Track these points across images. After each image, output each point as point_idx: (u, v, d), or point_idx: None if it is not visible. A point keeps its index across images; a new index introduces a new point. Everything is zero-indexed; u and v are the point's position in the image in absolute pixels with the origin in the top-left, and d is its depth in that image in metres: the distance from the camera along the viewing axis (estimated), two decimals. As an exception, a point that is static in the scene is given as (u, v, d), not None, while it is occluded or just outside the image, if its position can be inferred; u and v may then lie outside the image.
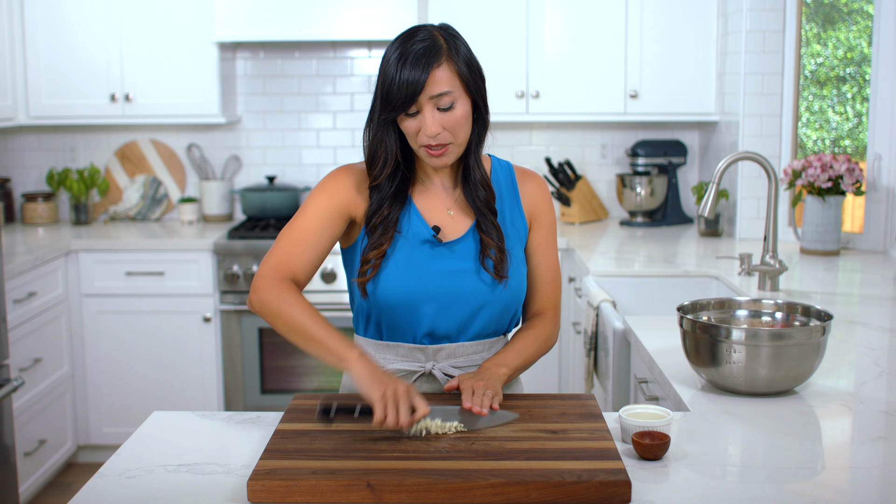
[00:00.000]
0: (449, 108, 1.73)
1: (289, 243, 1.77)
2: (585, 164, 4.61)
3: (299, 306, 1.69)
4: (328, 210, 1.79)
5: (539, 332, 1.89)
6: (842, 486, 1.51)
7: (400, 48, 1.72)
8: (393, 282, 1.79)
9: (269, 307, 1.71)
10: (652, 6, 4.14)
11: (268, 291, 1.72)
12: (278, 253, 1.77)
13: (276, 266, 1.75)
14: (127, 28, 4.23)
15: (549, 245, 1.93)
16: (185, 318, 4.06)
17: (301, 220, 1.79)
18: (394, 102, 1.72)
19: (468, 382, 1.70)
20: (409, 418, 1.57)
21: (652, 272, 3.32)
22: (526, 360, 1.85)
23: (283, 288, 1.72)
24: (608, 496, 1.41)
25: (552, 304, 1.93)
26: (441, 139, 1.74)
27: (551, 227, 1.93)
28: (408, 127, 1.75)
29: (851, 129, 3.98)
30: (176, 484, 1.51)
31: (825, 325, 1.86)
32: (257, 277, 1.75)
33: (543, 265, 1.92)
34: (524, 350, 1.85)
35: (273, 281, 1.73)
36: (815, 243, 3.52)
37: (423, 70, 1.69)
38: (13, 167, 4.65)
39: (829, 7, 3.98)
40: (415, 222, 1.83)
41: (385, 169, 1.79)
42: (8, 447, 3.13)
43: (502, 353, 1.83)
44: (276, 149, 4.65)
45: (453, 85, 1.73)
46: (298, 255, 1.76)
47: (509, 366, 1.80)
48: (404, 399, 1.57)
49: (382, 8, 4.10)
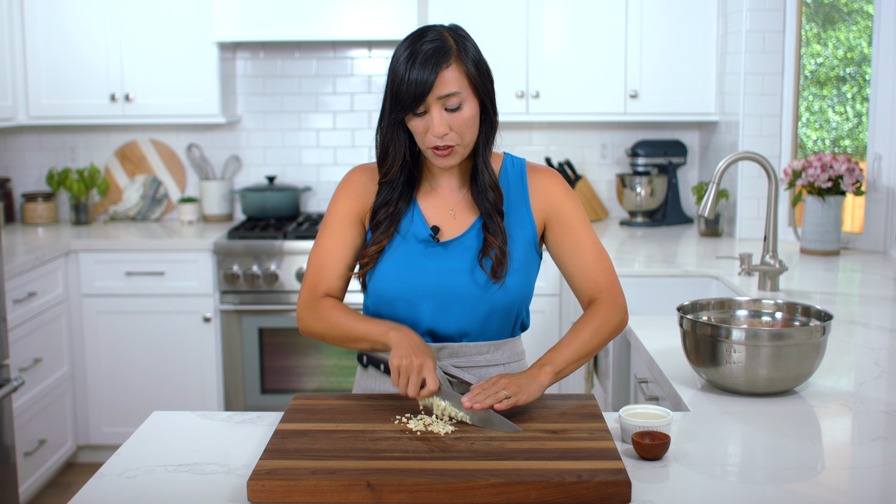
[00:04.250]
0: (457, 109, 1.73)
1: (316, 266, 1.88)
2: (585, 164, 4.61)
3: (334, 317, 1.82)
4: (345, 221, 1.88)
5: (592, 318, 1.81)
6: (842, 486, 1.51)
7: (409, 48, 1.73)
8: (387, 277, 1.83)
9: (314, 331, 1.85)
10: (652, 6, 4.14)
11: (308, 319, 1.85)
12: (310, 277, 1.88)
13: (310, 291, 1.87)
14: (127, 28, 4.23)
15: (578, 231, 1.86)
16: (185, 318, 4.06)
17: (323, 239, 1.89)
18: (402, 102, 1.73)
19: (495, 378, 1.70)
20: (417, 391, 1.67)
21: (652, 272, 3.32)
22: (579, 351, 1.78)
23: (318, 308, 1.84)
24: (608, 496, 1.41)
25: (604, 287, 1.85)
26: (448, 140, 1.74)
27: (574, 213, 1.86)
28: (415, 126, 1.76)
29: (851, 129, 3.98)
30: (176, 484, 1.51)
31: (825, 325, 1.86)
32: (298, 307, 1.88)
33: (578, 252, 1.86)
34: (574, 340, 1.78)
35: (309, 306, 1.85)
36: (815, 243, 3.52)
37: (431, 70, 1.70)
38: (13, 167, 4.65)
39: (829, 7, 3.98)
40: (416, 222, 1.85)
41: (394, 167, 1.82)
42: (8, 447, 3.13)
43: (552, 349, 1.79)
44: (276, 149, 4.65)
45: (461, 86, 1.73)
46: (328, 273, 1.87)
47: (556, 362, 1.75)
48: (416, 372, 1.67)
49: (382, 8, 4.10)
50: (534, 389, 1.69)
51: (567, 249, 1.87)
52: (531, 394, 1.68)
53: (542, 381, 1.71)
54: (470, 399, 1.64)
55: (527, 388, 1.68)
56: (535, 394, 1.69)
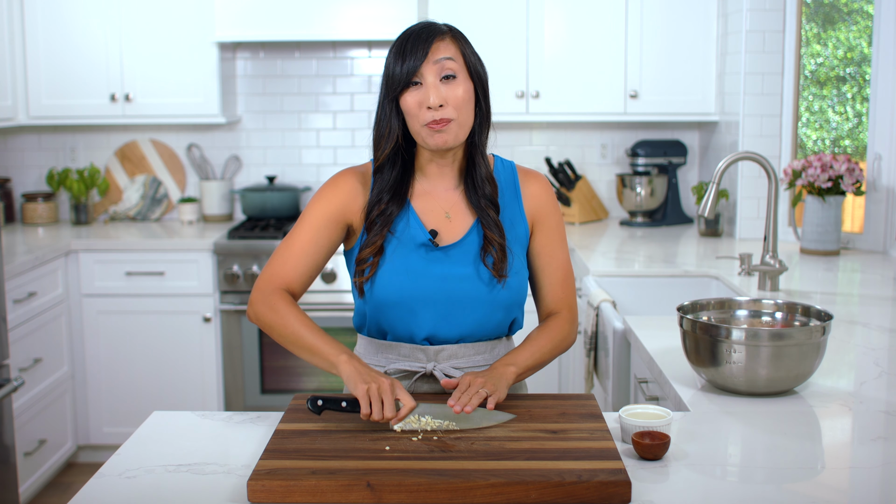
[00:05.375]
0: (452, 78, 1.73)
1: (283, 255, 1.83)
2: (585, 164, 4.61)
3: (291, 316, 1.75)
4: (324, 219, 1.83)
5: (553, 332, 1.86)
6: (842, 486, 1.51)
7: (403, 35, 1.76)
8: (388, 283, 1.80)
9: (263, 319, 1.78)
10: (652, 6, 4.14)
11: (262, 304, 1.78)
12: (274, 265, 1.82)
13: (270, 278, 1.81)
14: (127, 28, 4.23)
15: (556, 245, 1.90)
16: (185, 318, 4.06)
17: (297, 232, 1.83)
18: (398, 77, 1.73)
19: (467, 379, 1.71)
20: (394, 412, 1.61)
21: (652, 272, 3.32)
22: (538, 359, 1.83)
23: (276, 299, 1.77)
24: (608, 496, 1.41)
25: (566, 304, 1.91)
26: (444, 113, 1.73)
27: (557, 226, 1.90)
28: (411, 103, 1.74)
29: (851, 129, 3.98)
30: (176, 484, 1.51)
31: (825, 325, 1.86)
32: (253, 290, 1.82)
33: (552, 266, 1.90)
34: (536, 349, 1.83)
35: (266, 293, 1.79)
36: (815, 243, 3.52)
37: (425, 41, 1.73)
38: (13, 167, 4.65)
39: (829, 7, 3.98)
40: (412, 225, 1.82)
41: (388, 145, 1.79)
42: (8, 447, 3.13)
43: (514, 352, 1.82)
44: (276, 149, 4.65)
45: (456, 56, 1.75)
46: (293, 267, 1.81)
47: (519, 365, 1.78)
48: (388, 394, 1.61)
49: (382, 8, 4.10)
50: (504, 386, 1.72)
51: (543, 259, 1.90)
52: (503, 391, 1.71)
53: (508, 379, 1.75)
54: (459, 404, 1.64)
55: (499, 384, 1.71)
56: (505, 391, 1.72)
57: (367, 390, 1.61)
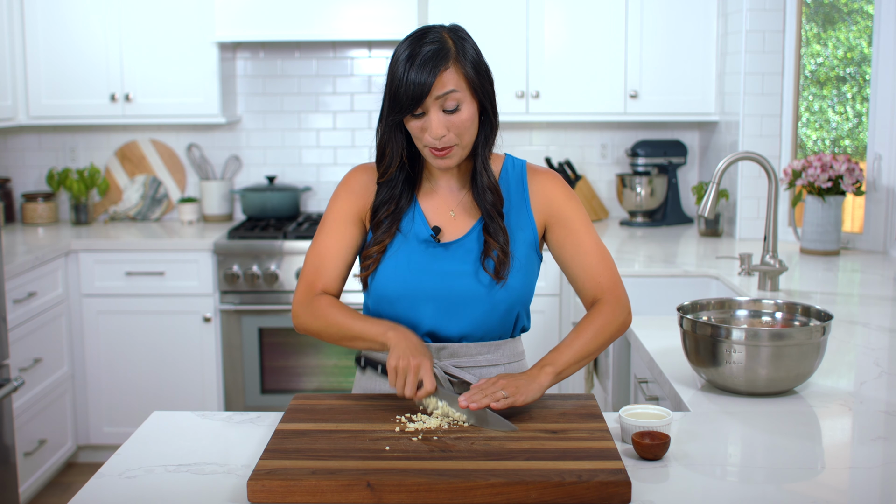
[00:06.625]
0: (455, 110, 1.73)
1: (313, 263, 1.87)
2: (585, 164, 4.61)
3: (332, 316, 1.81)
4: (342, 219, 1.87)
5: (595, 319, 1.81)
6: (842, 486, 1.51)
7: (409, 49, 1.73)
8: (389, 278, 1.83)
9: (310, 328, 1.85)
10: (652, 6, 4.14)
11: (304, 315, 1.85)
12: (307, 275, 1.87)
13: (306, 288, 1.86)
14: (127, 28, 4.23)
15: (580, 233, 1.86)
16: (185, 318, 4.06)
17: (321, 237, 1.88)
18: (401, 103, 1.72)
19: (494, 378, 1.71)
20: (414, 392, 1.67)
21: (652, 272, 3.32)
22: (580, 351, 1.77)
23: (315, 305, 1.83)
24: (608, 496, 1.41)
25: (606, 287, 1.84)
26: (446, 141, 1.74)
27: (575, 214, 1.86)
28: (414, 128, 1.76)
29: (851, 129, 3.98)
30: (176, 484, 1.51)
31: (825, 325, 1.86)
32: (294, 304, 1.87)
33: (580, 254, 1.85)
34: (576, 341, 1.78)
35: (305, 304, 1.85)
36: (815, 243, 3.52)
37: (429, 73, 1.70)
38: (13, 167, 4.65)
39: (829, 7, 3.98)
40: (417, 222, 1.85)
41: (391, 167, 1.82)
42: (8, 447, 3.13)
43: (552, 350, 1.78)
44: (276, 149, 4.65)
45: (459, 87, 1.73)
46: (326, 271, 1.87)
47: (557, 363, 1.74)
48: (413, 373, 1.67)
49: (382, 8, 4.10)
50: (533, 390, 1.69)
51: (569, 250, 1.86)
52: (530, 395, 1.68)
53: (542, 381, 1.71)
54: (467, 399, 1.65)
55: (525, 388, 1.68)
56: (533, 395, 1.68)
57: (396, 365, 1.68)
